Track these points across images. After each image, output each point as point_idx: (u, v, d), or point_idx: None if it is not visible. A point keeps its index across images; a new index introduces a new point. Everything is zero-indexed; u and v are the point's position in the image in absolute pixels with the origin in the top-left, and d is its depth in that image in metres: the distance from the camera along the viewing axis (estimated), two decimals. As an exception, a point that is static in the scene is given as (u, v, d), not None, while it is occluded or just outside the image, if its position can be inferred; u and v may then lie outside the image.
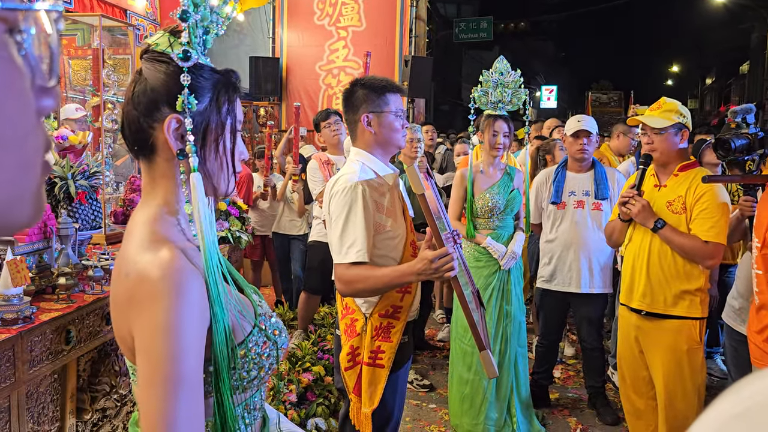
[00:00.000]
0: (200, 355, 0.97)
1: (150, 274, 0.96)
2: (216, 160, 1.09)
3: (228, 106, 1.10)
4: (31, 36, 0.44)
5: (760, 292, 2.42)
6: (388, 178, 2.21)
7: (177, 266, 0.96)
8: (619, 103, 20.92)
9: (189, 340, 0.95)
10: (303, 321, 4.57)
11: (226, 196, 1.15)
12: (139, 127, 1.06)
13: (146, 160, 1.09)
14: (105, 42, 4.01)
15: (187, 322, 0.95)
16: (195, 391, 0.95)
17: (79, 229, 2.68)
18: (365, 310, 2.19)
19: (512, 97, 3.35)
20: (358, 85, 2.23)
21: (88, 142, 3.13)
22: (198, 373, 0.96)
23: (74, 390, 2.28)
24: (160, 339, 0.93)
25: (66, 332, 2.18)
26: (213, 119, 1.07)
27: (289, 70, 8.19)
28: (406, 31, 7.85)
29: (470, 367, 3.24)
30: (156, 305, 0.94)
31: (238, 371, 1.05)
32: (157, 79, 1.05)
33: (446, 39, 20.09)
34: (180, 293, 0.95)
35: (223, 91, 1.09)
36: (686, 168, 2.80)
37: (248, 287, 1.20)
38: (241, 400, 1.09)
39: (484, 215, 3.34)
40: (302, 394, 3.52)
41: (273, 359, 1.12)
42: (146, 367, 0.94)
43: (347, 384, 2.22)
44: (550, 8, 29.36)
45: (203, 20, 1.06)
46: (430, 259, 1.88)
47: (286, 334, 1.19)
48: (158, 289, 0.95)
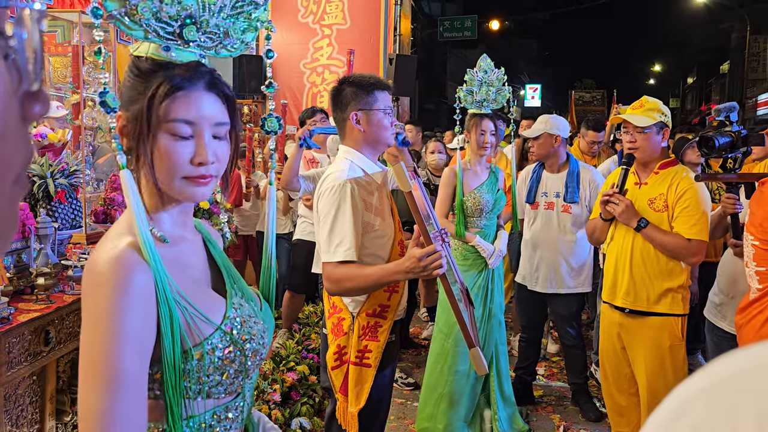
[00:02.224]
0: (141, 352, 0.94)
1: (97, 265, 0.95)
2: (151, 160, 1.04)
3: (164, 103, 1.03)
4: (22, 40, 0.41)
5: (763, 287, 2.42)
6: (377, 176, 2.20)
7: (122, 257, 0.94)
8: (602, 102, 21.08)
9: (127, 336, 0.91)
10: (287, 320, 4.54)
11: (193, 201, 1.10)
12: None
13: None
14: (85, 39, 3.95)
15: (126, 316, 0.92)
16: (133, 390, 0.91)
17: (59, 228, 2.63)
18: (352, 309, 2.17)
19: (496, 95, 3.34)
20: (346, 83, 2.21)
21: (68, 140, 3.08)
22: (138, 370, 0.93)
23: (54, 392, 2.24)
24: (96, 331, 0.91)
25: (45, 333, 2.14)
26: (143, 117, 1.03)
27: (273, 68, 7.94)
28: (390, 30, 7.84)
29: (450, 368, 3.18)
30: (96, 295, 0.93)
31: (195, 374, 1.00)
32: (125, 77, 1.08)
33: (431, 37, 20.10)
34: (121, 285, 0.92)
35: (153, 82, 1.03)
36: (666, 166, 2.82)
37: (239, 289, 1.15)
38: (209, 406, 1.03)
39: (474, 214, 3.32)
40: (286, 394, 3.49)
41: (239, 365, 1.05)
42: (83, 359, 0.92)
43: (334, 383, 2.21)
44: (534, 7, 29.53)
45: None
46: (418, 258, 1.87)
47: (262, 342, 1.12)
48: (101, 279, 0.93)
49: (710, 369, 0.39)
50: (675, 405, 0.39)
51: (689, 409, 0.38)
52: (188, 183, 1.04)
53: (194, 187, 1.04)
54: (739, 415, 0.35)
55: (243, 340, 1.06)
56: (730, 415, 0.36)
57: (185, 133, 1.02)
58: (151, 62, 1.02)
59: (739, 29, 24.05)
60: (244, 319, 1.09)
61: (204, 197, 1.07)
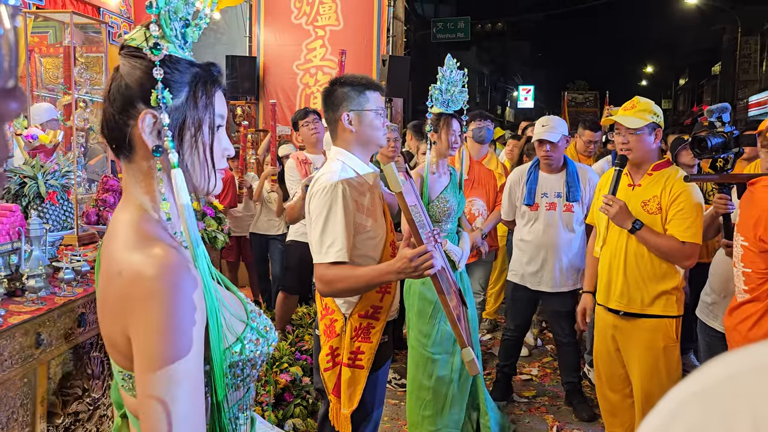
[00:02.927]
0: (199, 353, 0.95)
1: (144, 272, 0.93)
2: (194, 156, 1.06)
3: (206, 100, 1.06)
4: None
5: (749, 289, 2.44)
6: (369, 177, 2.19)
7: (172, 263, 0.94)
8: (594, 103, 21.16)
9: (188, 338, 0.93)
10: (280, 321, 4.53)
11: (208, 193, 1.12)
12: (115, 124, 1.04)
13: (126, 158, 1.06)
14: (78, 40, 3.93)
15: (185, 320, 0.93)
16: (196, 391, 0.93)
17: (50, 229, 2.62)
18: (345, 310, 2.17)
19: (458, 96, 3.31)
20: (338, 84, 2.21)
21: (59, 141, 3.07)
22: (199, 371, 0.95)
23: (45, 394, 2.22)
24: (158, 339, 0.91)
25: (36, 335, 2.12)
26: (190, 114, 1.04)
27: (266, 70, 8.13)
28: (383, 31, 7.83)
29: (431, 374, 3.16)
30: (152, 304, 0.92)
31: (233, 369, 1.04)
32: (132, 75, 1.02)
33: (424, 39, 20.12)
34: (176, 291, 0.93)
35: (200, 85, 1.06)
36: (660, 167, 2.80)
37: (231, 286, 1.18)
38: (236, 398, 1.08)
39: (441, 219, 3.24)
40: (279, 395, 3.48)
41: (264, 356, 1.11)
42: (146, 365, 0.92)
43: (326, 385, 2.20)
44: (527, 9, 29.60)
45: (176, 11, 1.02)
46: (409, 258, 1.87)
47: (275, 332, 1.18)
48: (154, 287, 0.92)
49: (704, 372, 0.39)
50: (669, 408, 0.39)
51: (683, 413, 0.38)
52: (219, 175, 1.10)
53: (220, 179, 1.11)
54: (734, 419, 0.35)
55: (266, 332, 1.12)
56: (725, 418, 0.36)
57: (221, 128, 1.11)
58: (176, 59, 1.03)
59: (730, 31, 24.20)
60: (259, 312, 1.15)
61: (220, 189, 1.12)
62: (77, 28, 3.95)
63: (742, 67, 22.59)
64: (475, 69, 28.44)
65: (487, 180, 4.33)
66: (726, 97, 24.37)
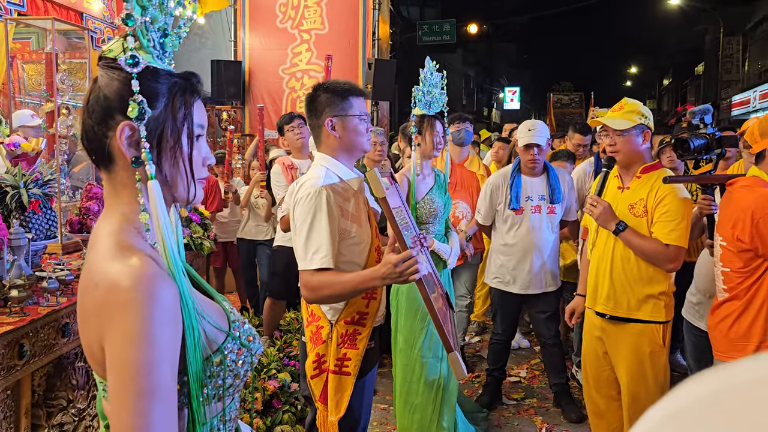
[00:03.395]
0: (174, 365, 0.95)
1: (121, 282, 0.93)
2: (173, 167, 1.06)
3: (185, 110, 1.06)
4: None
5: (728, 289, 2.48)
6: (353, 182, 2.19)
7: (148, 273, 0.94)
8: (580, 104, 21.29)
9: (163, 350, 0.92)
10: (268, 327, 4.51)
11: (188, 203, 1.11)
12: (94, 135, 1.04)
13: (105, 169, 1.06)
14: (61, 46, 3.90)
15: (160, 330, 0.92)
16: (169, 403, 0.93)
17: (33, 239, 2.59)
18: (331, 317, 2.16)
19: (439, 98, 3.32)
20: (321, 90, 2.21)
21: (42, 149, 3.04)
22: (172, 383, 0.94)
23: (29, 406, 2.20)
24: (133, 349, 0.91)
25: (19, 346, 2.10)
26: (168, 125, 1.04)
27: (252, 74, 8.11)
28: (369, 34, 7.84)
29: (419, 378, 3.15)
30: (128, 314, 0.92)
31: (214, 379, 1.04)
32: (110, 86, 1.02)
33: (410, 42, 20.17)
34: (152, 301, 0.93)
35: (179, 95, 1.06)
36: (649, 170, 2.77)
37: (217, 295, 1.17)
38: (218, 409, 1.07)
39: (428, 220, 3.25)
40: (268, 402, 3.47)
41: (248, 366, 1.10)
42: (118, 379, 0.92)
43: (313, 392, 2.20)
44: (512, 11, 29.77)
45: (154, 22, 1.02)
46: (393, 263, 1.87)
47: (259, 341, 1.17)
48: (130, 297, 0.92)
49: (680, 392, 0.39)
50: (646, 429, 0.39)
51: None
52: (200, 185, 1.11)
53: (200, 188, 1.11)
54: None
55: (249, 341, 1.11)
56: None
57: (201, 137, 1.11)
58: (153, 70, 1.03)
59: (712, 31, 24.48)
60: (243, 321, 1.14)
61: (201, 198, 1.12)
62: (60, 34, 3.92)
63: (725, 67, 22.84)
64: (461, 71, 28.54)
65: (470, 182, 4.34)
66: (709, 96, 24.63)
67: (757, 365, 0.36)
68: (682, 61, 30.94)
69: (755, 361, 0.37)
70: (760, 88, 18.36)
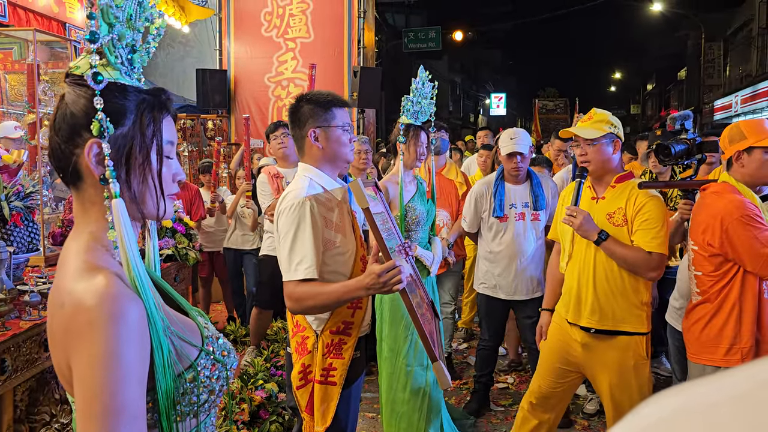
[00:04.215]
0: (141, 384, 0.94)
1: (85, 302, 0.92)
2: (142, 183, 1.05)
3: (153, 126, 1.06)
4: None
5: (701, 292, 2.52)
6: (337, 192, 2.19)
7: (113, 292, 0.93)
8: (564, 110, 21.47)
9: (129, 369, 0.91)
10: (255, 337, 4.49)
11: (158, 219, 1.11)
12: (62, 154, 1.03)
13: (75, 186, 1.05)
14: (44, 56, 3.88)
15: (126, 349, 0.91)
16: (136, 422, 0.92)
17: (15, 252, 2.57)
18: (316, 327, 2.16)
19: (427, 108, 3.34)
20: (304, 101, 2.21)
21: (24, 161, 3.02)
22: (139, 402, 0.93)
23: (11, 421, 2.18)
24: (98, 369, 0.90)
25: (0, 361, 2.08)
26: (137, 141, 1.03)
27: (238, 83, 8.10)
28: (354, 42, 7.86)
29: (405, 387, 3.15)
30: (93, 334, 0.91)
31: (188, 396, 1.03)
32: (76, 103, 1.01)
33: (396, 49, 20.24)
34: (117, 320, 0.92)
35: (147, 111, 1.05)
36: (622, 179, 2.74)
37: (192, 310, 1.17)
38: (192, 425, 1.06)
39: (411, 227, 3.27)
40: (255, 413, 3.45)
41: (223, 381, 1.10)
42: (84, 398, 0.91)
43: (299, 403, 2.19)
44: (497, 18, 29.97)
45: (121, 38, 1.02)
46: (377, 273, 1.87)
47: (235, 355, 1.17)
48: (94, 317, 0.91)
49: (639, 413, 0.39)
50: None
51: None
52: (169, 201, 1.11)
53: (171, 204, 1.11)
54: None
55: (223, 356, 1.11)
56: None
57: (171, 154, 1.10)
58: (121, 87, 1.03)
59: (694, 37, 24.78)
60: (217, 336, 1.14)
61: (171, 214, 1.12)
62: (42, 44, 3.90)
63: (707, 72, 23.13)
64: (447, 78, 28.67)
65: (449, 190, 4.36)
66: (692, 101, 24.92)
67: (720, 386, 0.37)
68: (664, 66, 31.31)
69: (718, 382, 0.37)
70: (741, 93, 18.61)
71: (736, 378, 0.37)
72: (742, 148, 2.51)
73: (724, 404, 0.35)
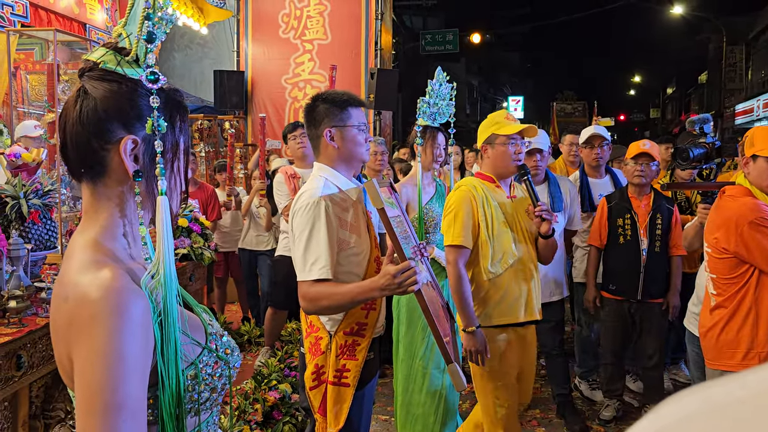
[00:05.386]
0: (143, 380, 0.93)
1: (89, 295, 0.92)
2: (170, 180, 1.06)
3: (181, 125, 1.08)
4: None
5: (717, 294, 2.50)
6: (352, 192, 2.18)
7: (117, 286, 0.93)
8: (583, 113, 21.34)
9: (130, 364, 0.90)
10: (269, 337, 4.49)
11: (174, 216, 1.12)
12: (90, 148, 1.02)
13: (92, 181, 1.04)
14: (64, 56, 3.92)
15: (128, 344, 0.91)
16: (137, 418, 0.90)
17: (33, 249, 2.59)
18: (330, 327, 2.15)
19: (446, 109, 3.34)
20: (320, 100, 2.20)
21: (43, 159, 3.05)
22: (139, 399, 0.92)
23: (26, 417, 2.19)
24: (99, 363, 0.89)
25: (17, 357, 2.09)
26: (168, 139, 1.05)
27: (255, 84, 8.13)
28: (371, 44, 7.86)
29: (421, 389, 3.14)
30: (95, 328, 0.90)
31: (188, 393, 1.02)
32: (107, 99, 1.01)
33: (413, 51, 20.23)
34: (120, 315, 0.91)
35: (175, 110, 1.07)
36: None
37: (198, 306, 1.16)
38: (194, 424, 1.05)
39: (428, 229, 3.28)
40: (268, 413, 3.44)
41: (225, 379, 1.09)
42: (84, 393, 0.90)
43: (312, 403, 2.18)
44: (515, 20, 29.87)
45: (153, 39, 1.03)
46: (392, 274, 1.85)
47: (239, 353, 1.16)
48: (98, 310, 0.90)
49: (660, 412, 0.38)
50: None
51: None
52: (180, 198, 1.12)
53: (180, 201, 1.12)
54: None
55: (227, 354, 1.10)
56: None
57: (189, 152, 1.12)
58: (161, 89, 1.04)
59: (715, 40, 24.49)
60: (221, 334, 1.13)
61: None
62: (63, 44, 3.94)
63: (728, 75, 22.84)
64: (465, 80, 28.60)
65: None
66: (713, 105, 24.63)
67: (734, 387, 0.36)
68: (685, 69, 30.96)
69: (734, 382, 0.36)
70: (764, 97, 18.36)
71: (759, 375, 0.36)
72: (749, 155, 2.51)
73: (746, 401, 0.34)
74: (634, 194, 3.69)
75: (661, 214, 3.59)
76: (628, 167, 3.66)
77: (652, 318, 3.68)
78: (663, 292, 3.66)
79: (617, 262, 3.73)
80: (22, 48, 4.83)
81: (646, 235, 3.61)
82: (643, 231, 3.61)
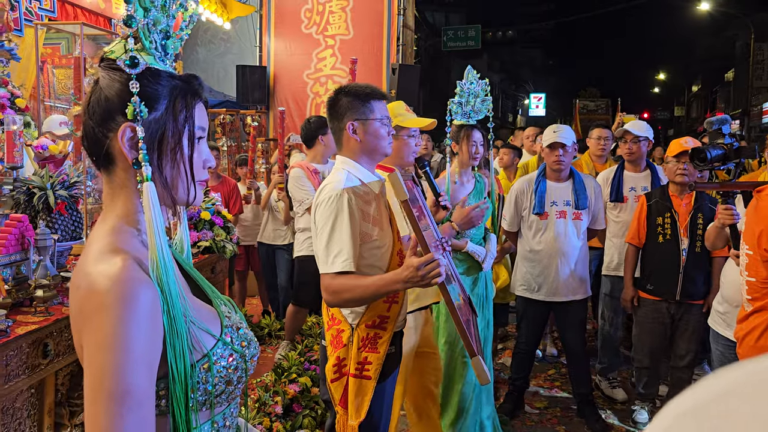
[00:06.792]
0: (150, 370, 0.94)
1: (98, 284, 0.93)
2: (174, 168, 1.05)
3: (186, 112, 1.06)
4: None
5: (753, 299, 2.42)
6: (374, 186, 2.18)
7: (126, 276, 0.93)
8: (606, 110, 21.12)
9: (136, 354, 0.91)
10: (290, 332, 4.51)
11: (188, 205, 1.11)
12: (95, 137, 1.04)
13: (106, 170, 1.06)
14: (90, 50, 3.97)
15: (134, 334, 0.91)
16: (142, 408, 0.91)
17: (59, 240, 2.62)
18: (351, 320, 2.15)
19: (481, 105, 3.34)
20: (342, 93, 2.20)
21: (69, 151, 3.09)
22: (146, 388, 0.92)
23: (52, 405, 2.23)
24: (105, 352, 0.90)
25: (43, 345, 2.12)
26: (169, 126, 1.04)
27: (277, 79, 8.16)
28: (393, 40, 7.84)
29: (462, 377, 3.21)
30: (102, 317, 0.91)
31: (202, 386, 1.01)
32: (111, 87, 1.02)
33: (435, 47, 20.17)
34: (128, 304, 0.91)
35: (180, 97, 1.05)
36: None
37: (218, 298, 1.16)
38: (207, 417, 1.05)
39: None
40: (288, 406, 3.46)
41: (241, 372, 1.08)
42: (90, 381, 0.90)
43: (333, 396, 2.18)
44: (538, 17, 29.62)
45: (156, 24, 1.02)
46: (416, 267, 1.85)
47: (256, 345, 1.15)
48: (106, 300, 0.91)
49: (699, 387, 0.38)
50: (663, 426, 0.38)
51: (677, 430, 0.37)
52: (200, 187, 1.10)
53: (200, 190, 1.10)
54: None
55: (242, 347, 1.09)
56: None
57: (202, 140, 1.10)
58: (155, 72, 1.03)
59: (743, 37, 24.04)
60: (238, 326, 1.12)
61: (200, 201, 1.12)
62: (89, 39, 3.99)
63: (756, 73, 22.41)
64: (486, 77, 28.44)
65: None
66: (740, 103, 24.20)
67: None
68: (711, 67, 30.40)
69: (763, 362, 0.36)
70: (792, 95, 17.99)
71: None
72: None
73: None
74: (675, 193, 3.62)
75: (703, 213, 3.50)
76: (670, 165, 3.59)
77: (690, 319, 3.62)
78: (702, 294, 3.59)
79: (655, 262, 3.67)
80: (49, 42, 4.90)
81: (687, 234, 3.54)
82: (683, 230, 3.54)
